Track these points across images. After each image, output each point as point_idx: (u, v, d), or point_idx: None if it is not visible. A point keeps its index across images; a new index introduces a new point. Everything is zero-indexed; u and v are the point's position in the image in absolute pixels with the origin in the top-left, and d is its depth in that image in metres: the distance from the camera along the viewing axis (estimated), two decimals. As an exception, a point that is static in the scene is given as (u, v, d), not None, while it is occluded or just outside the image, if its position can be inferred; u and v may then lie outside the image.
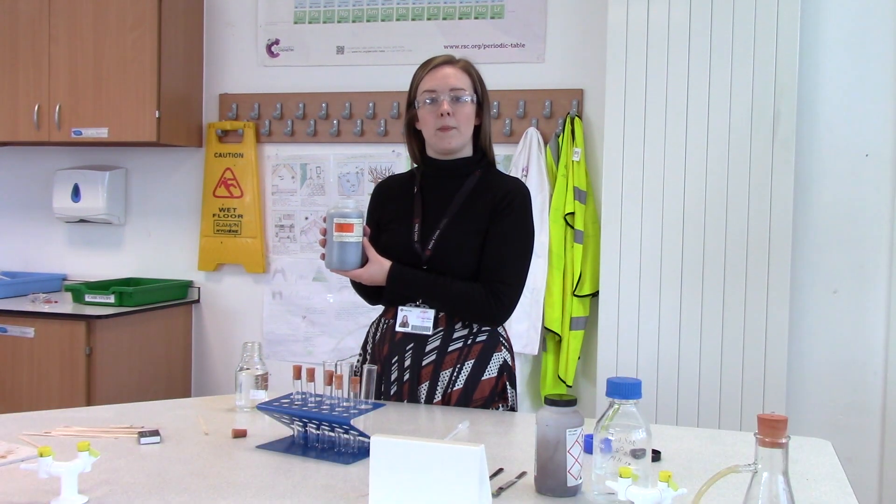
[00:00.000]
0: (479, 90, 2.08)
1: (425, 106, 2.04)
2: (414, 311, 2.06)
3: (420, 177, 2.14)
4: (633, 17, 3.16)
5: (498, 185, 2.09)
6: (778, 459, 1.14)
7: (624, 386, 1.38)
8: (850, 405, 3.18)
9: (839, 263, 3.19)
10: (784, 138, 3.05)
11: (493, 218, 2.04)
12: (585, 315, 3.37)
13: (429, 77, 2.05)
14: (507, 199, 2.05)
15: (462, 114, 2.03)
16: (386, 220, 2.14)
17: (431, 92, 2.03)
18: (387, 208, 2.17)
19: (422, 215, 2.08)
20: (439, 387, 2.02)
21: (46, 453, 1.32)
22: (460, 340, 2.04)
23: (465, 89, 2.04)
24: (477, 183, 2.09)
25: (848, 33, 3.16)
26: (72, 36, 3.71)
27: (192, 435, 1.74)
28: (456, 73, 2.05)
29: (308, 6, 3.81)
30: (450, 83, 2.03)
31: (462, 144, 2.08)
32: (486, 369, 2.04)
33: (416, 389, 2.03)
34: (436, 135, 2.04)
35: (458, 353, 2.03)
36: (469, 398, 2.01)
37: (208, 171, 3.94)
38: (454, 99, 2.02)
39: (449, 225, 2.05)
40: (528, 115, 3.51)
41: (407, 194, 2.14)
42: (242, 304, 3.95)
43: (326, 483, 1.46)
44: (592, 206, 3.39)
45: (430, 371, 2.03)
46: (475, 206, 2.06)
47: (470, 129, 2.07)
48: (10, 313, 3.54)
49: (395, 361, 2.06)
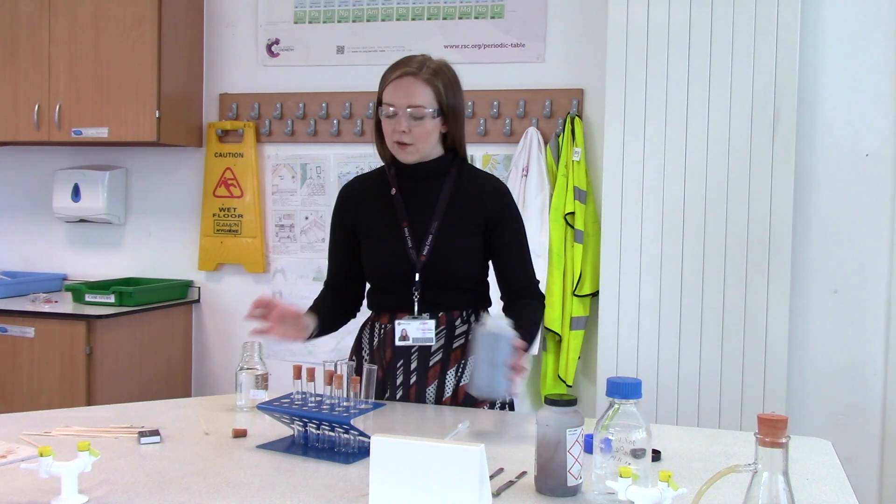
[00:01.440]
0: (446, 100, 1.98)
1: (384, 118, 1.99)
2: (413, 324, 2.01)
3: (394, 177, 2.07)
4: (633, 16, 3.16)
5: (481, 186, 2.06)
6: (778, 459, 1.14)
7: (624, 386, 1.38)
8: (850, 405, 3.18)
9: (839, 263, 3.19)
10: (784, 138, 3.05)
11: (494, 225, 2.03)
12: (585, 315, 3.37)
13: (391, 88, 1.96)
14: (501, 203, 2.05)
15: (420, 131, 1.96)
16: (365, 226, 2.07)
17: (391, 105, 1.96)
18: (363, 212, 2.08)
19: (408, 218, 2.02)
20: (447, 386, 2.01)
21: (47, 453, 1.32)
22: (462, 337, 2.03)
23: (423, 106, 1.94)
24: (455, 182, 2.05)
25: (848, 33, 3.16)
26: (72, 35, 3.71)
27: (193, 435, 1.74)
28: (418, 87, 1.94)
29: (308, 6, 3.81)
30: (408, 100, 1.94)
31: (422, 158, 2.02)
32: None
33: (423, 391, 2.02)
34: (393, 147, 2.01)
35: (461, 349, 2.02)
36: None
37: (208, 171, 3.94)
38: (412, 117, 1.94)
39: (440, 228, 2.01)
40: (528, 114, 3.51)
41: (382, 196, 2.07)
42: (243, 303, 3.89)
43: (326, 483, 1.46)
44: (592, 205, 3.39)
45: (437, 371, 2.02)
46: (461, 208, 2.02)
47: (429, 143, 2.00)
48: (10, 313, 3.54)
49: (400, 365, 2.04)
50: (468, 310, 2.06)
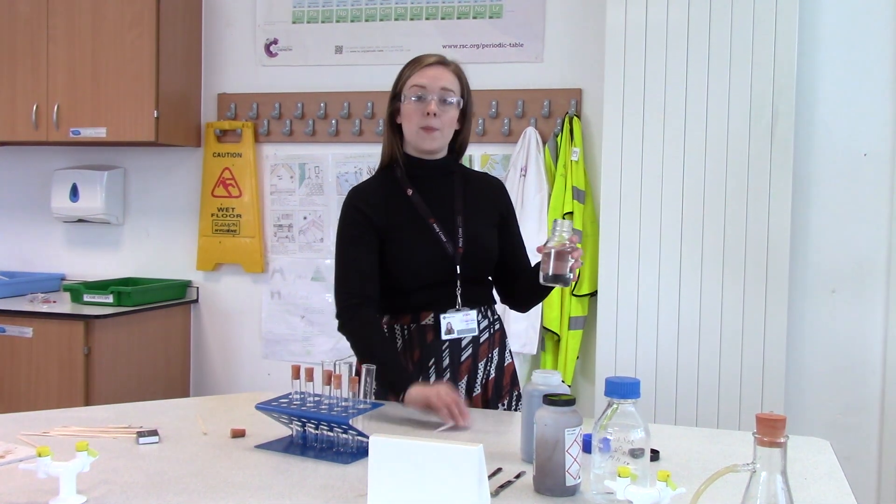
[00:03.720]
0: (466, 96, 2.07)
1: (411, 102, 2.00)
2: (456, 316, 2.01)
3: (406, 178, 2.06)
4: (631, 16, 3.16)
5: (486, 183, 2.17)
6: (776, 459, 1.14)
7: (622, 385, 1.38)
8: (848, 404, 3.18)
9: (838, 263, 3.19)
10: (782, 138, 3.05)
11: (504, 217, 2.14)
12: (584, 315, 3.37)
13: (419, 74, 2.02)
14: (506, 200, 2.18)
15: (447, 116, 2.02)
16: (387, 229, 2.02)
17: (421, 88, 1.99)
18: (381, 216, 2.03)
19: (433, 215, 2.04)
20: (478, 380, 2.04)
21: (45, 453, 1.32)
22: (487, 330, 2.08)
23: (453, 91, 2.02)
24: (463, 180, 2.13)
25: (846, 33, 3.16)
26: (70, 35, 3.71)
27: (191, 435, 1.74)
28: (448, 74, 2.03)
29: (306, 6, 3.81)
30: (440, 83, 2.00)
31: (442, 147, 2.07)
32: (505, 354, 2.12)
33: (456, 386, 2.00)
34: (418, 133, 2.01)
35: (488, 342, 2.07)
36: (501, 385, 2.08)
37: (207, 171, 3.94)
38: (442, 100, 2.00)
39: (465, 223, 2.05)
40: (526, 114, 3.51)
41: (397, 198, 2.05)
42: (241, 303, 3.95)
43: (325, 483, 1.46)
44: (591, 205, 3.39)
45: (468, 365, 2.04)
46: (475, 203, 2.10)
47: (450, 132, 2.06)
48: (8, 313, 3.54)
49: (432, 364, 2.02)
50: (485, 305, 2.10)
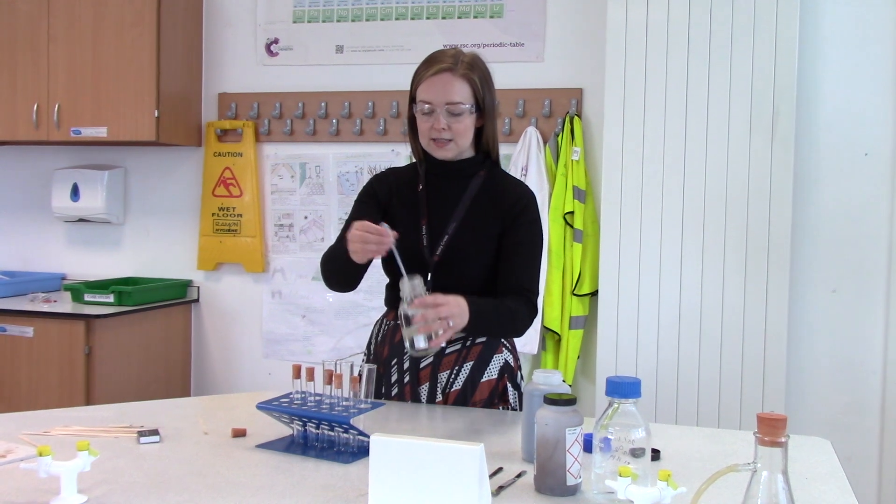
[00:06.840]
0: (482, 95, 1.97)
1: (421, 115, 1.96)
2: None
3: (423, 174, 2.06)
4: (632, 16, 3.16)
5: (505, 190, 2.02)
6: (777, 458, 1.14)
7: (623, 385, 1.38)
8: (849, 404, 3.18)
9: (838, 262, 3.19)
10: (783, 137, 3.05)
11: (507, 227, 1.98)
12: (585, 314, 3.37)
13: (427, 84, 1.93)
14: (520, 207, 2.00)
15: (459, 127, 1.93)
16: (390, 218, 2.01)
17: (427, 103, 1.94)
18: (391, 203, 2.05)
19: (427, 216, 2.01)
20: (439, 388, 2.00)
21: (46, 453, 1.32)
22: (458, 342, 2.00)
23: (462, 102, 1.92)
24: (482, 184, 2.03)
25: (847, 32, 3.16)
26: (71, 35, 3.71)
27: (192, 434, 1.74)
28: (455, 82, 1.92)
29: (307, 5, 3.81)
30: (446, 97, 1.91)
31: (457, 154, 2.00)
32: (485, 371, 2.00)
33: (416, 390, 2.02)
34: (429, 145, 1.98)
35: (455, 354, 2.00)
36: (467, 400, 1.99)
37: (207, 171, 3.94)
38: (450, 113, 1.92)
39: (457, 230, 1.99)
40: (527, 114, 3.51)
41: (411, 191, 2.05)
42: (242, 303, 3.95)
43: (326, 482, 1.46)
44: (592, 205, 3.39)
45: (428, 373, 2.01)
46: (481, 211, 2.00)
47: (467, 139, 1.98)
48: (9, 313, 3.54)
49: (394, 363, 2.04)
50: None
